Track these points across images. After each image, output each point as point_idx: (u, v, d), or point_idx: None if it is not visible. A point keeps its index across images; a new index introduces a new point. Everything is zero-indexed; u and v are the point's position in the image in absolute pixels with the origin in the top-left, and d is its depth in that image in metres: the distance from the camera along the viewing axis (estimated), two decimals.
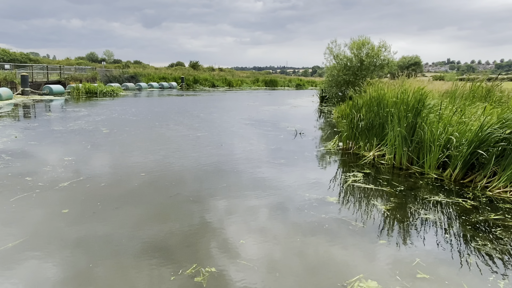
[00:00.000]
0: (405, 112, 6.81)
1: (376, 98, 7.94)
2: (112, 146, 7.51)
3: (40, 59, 58.30)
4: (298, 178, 5.89)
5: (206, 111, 15.75)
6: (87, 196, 4.51)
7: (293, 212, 4.33)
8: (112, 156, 6.72)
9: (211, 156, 7.14)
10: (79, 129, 9.51)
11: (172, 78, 41.31)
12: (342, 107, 15.38)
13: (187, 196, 4.73)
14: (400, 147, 6.82)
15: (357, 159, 7.43)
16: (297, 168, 6.55)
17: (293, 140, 9.41)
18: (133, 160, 6.49)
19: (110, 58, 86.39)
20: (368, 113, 7.97)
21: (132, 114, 13.71)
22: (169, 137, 9.04)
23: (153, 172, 5.75)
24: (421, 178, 6.19)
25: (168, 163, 6.40)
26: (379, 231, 3.93)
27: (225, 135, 9.77)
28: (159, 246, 3.34)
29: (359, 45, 20.54)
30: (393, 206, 4.76)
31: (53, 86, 23.00)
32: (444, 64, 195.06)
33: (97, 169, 5.74)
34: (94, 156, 6.59)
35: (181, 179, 5.50)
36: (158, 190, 4.91)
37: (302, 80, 62.62)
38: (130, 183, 5.11)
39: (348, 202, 4.85)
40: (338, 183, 5.70)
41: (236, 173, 5.97)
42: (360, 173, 6.32)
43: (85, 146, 7.34)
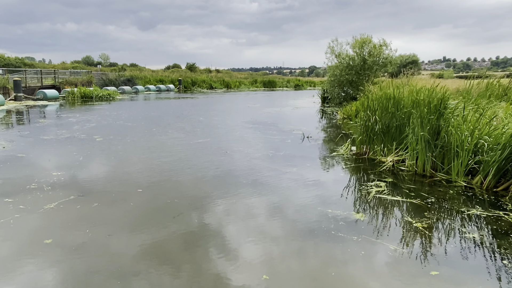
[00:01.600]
0: (428, 114, 6.20)
1: (393, 98, 7.33)
2: (105, 158, 6.84)
3: (35, 64, 57.47)
4: (316, 190, 5.26)
5: (206, 115, 15.12)
6: (76, 220, 3.87)
7: (320, 236, 3.71)
8: (105, 169, 6.07)
9: (215, 166, 6.51)
10: (71, 138, 8.83)
11: (169, 80, 40.65)
12: (347, 108, 14.80)
13: (192, 217, 4.10)
14: (423, 152, 6.21)
15: (375, 166, 6.82)
16: (312, 177, 5.92)
17: (302, 145, 8.80)
18: (129, 173, 5.84)
19: (106, 62, 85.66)
20: (384, 115, 7.36)
21: (129, 119, 13.05)
22: (168, 144, 8.39)
23: (151, 187, 5.11)
24: (449, 187, 5.58)
25: (168, 176, 5.76)
26: (425, 258, 3.31)
27: (228, 141, 9.14)
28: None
29: (360, 44, 19.98)
30: (429, 223, 4.15)
31: (47, 91, 22.32)
32: (440, 62, 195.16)
33: (89, 185, 5.09)
34: (85, 170, 5.94)
35: (184, 195, 4.87)
36: (158, 210, 4.27)
37: (300, 81, 62.06)
38: (126, 202, 4.47)
39: (378, 219, 4.23)
40: (361, 196, 5.08)
41: (245, 187, 5.34)
42: (382, 182, 5.70)
43: (76, 158, 6.68)
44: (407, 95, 7.33)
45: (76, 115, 13.97)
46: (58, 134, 9.27)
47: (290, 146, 8.52)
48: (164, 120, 12.76)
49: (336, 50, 20.55)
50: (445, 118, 6.16)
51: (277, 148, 8.23)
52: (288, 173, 6.11)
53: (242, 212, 4.31)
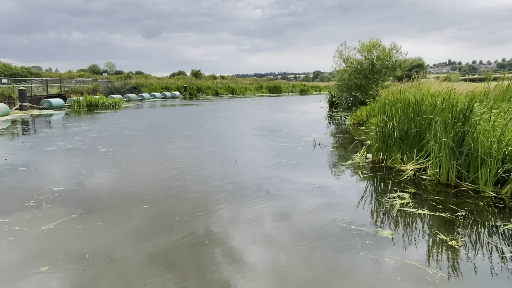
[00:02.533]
0: (453, 119, 5.80)
1: (413, 103, 6.93)
2: (109, 170, 6.50)
3: (42, 73, 57.94)
4: (335, 203, 4.87)
5: (212, 122, 14.81)
6: (77, 243, 3.53)
7: (348, 258, 3.32)
8: (109, 183, 5.72)
9: (225, 177, 6.15)
10: (74, 149, 8.53)
11: (175, 87, 40.55)
12: (357, 113, 14.40)
13: (204, 237, 3.74)
14: (448, 160, 5.80)
15: (394, 175, 6.41)
16: (329, 189, 5.54)
17: (314, 152, 8.42)
18: (134, 187, 5.50)
19: (112, 70, 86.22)
20: (403, 120, 6.96)
21: (134, 128, 12.78)
22: (175, 154, 8.06)
23: (158, 202, 4.76)
24: (478, 198, 5.17)
25: (176, 190, 5.41)
26: (468, 283, 2.91)
27: (237, 149, 8.79)
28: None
29: (369, 47, 19.61)
30: (465, 240, 3.75)
31: (53, 100, 22.21)
32: (446, 65, 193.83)
33: (92, 202, 4.75)
34: (88, 184, 5.60)
35: (193, 211, 4.51)
36: (165, 228, 3.92)
37: (306, 86, 61.74)
38: (131, 220, 4.12)
39: (409, 237, 3.83)
40: (385, 209, 4.68)
41: (259, 201, 4.97)
42: (406, 194, 5.30)
43: (79, 171, 6.35)
44: (428, 99, 6.93)
45: (81, 124, 13.74)
46: (62, 145, 8.97)
47: (302, 154, 8.15)
48: (170, 128, 12.47)
49: (344, 54, 20.22)
50: (472, 124, 5.75)
51: (289, 156, 7.86)
52: (303, 184, 5.73)
53: (261, 232, 3.93)
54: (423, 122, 6.75)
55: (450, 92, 7.43)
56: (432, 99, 6.92)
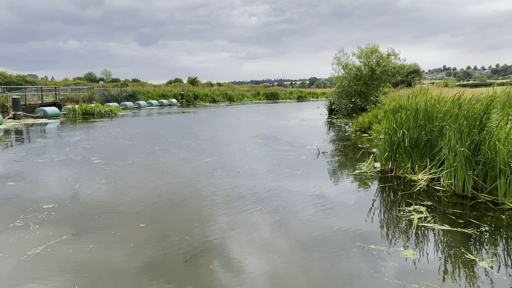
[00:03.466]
0: (469, 127, 5.49)
1: (423, 109, 6.63)
2: (103, 184, 6.09)
3: (37, 81, 57.37)
4: (348, 218, 4.52)
5: (211, 130, 14.46)
6: (66, 271, 3.14)
7: (371, 285, 2.96)
8: (103, 198, 5.32)
9: (228, 190, 5.79)
10: (67, 160, 8.11)
11: (172, 95, 40.24)
12: (359, 120, 14.12)
13: (208, 260, 3.37)
14: (464, 170, 5.47)
15: (405, 185, 6.08)
16: (340, 202, 5.19)
17: (318, 162, 8.08)
18: (130, 203, 5.11)
19: (108, 78, 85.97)
20: (413, 128, 6.65)
21: (130, 137, 12.39)
22: (173, 166, 7.69)
23: (156, 220, 4.39)
24: (498, 210, 4.84)
25: (175, 205, 5.04)
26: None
27: (238, 158, 8.43)
28: None
29: (367, 54, 19.43)
30: (495, 260, 3.40)
31: (48, 109, 21.79)
32: (441, 71, 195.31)
33: (84, 221, 4.36)
34: (81, 201, 5.20)
35: (195, 229, 4.14)
36: (164, 252, 3.54)
37: (303, 92, 61.70)
38: (126, 242, 3.74)
39: (433, 258, 3.47)
40: (402, 225, 4.34)
41: (265, 216, 4.61)
42: (422, 207, 4.96)
43: (71, 186, 5.94)
44: (439, 105, 6.64)
45: (75, 133, 13.34)
46: (54, 157, 8.56)
47: (306, 164, 7.80)
48: (167, 138, 12.10)
49: (343, 60, 20.03)
50: (489, 131, 5.44)
51: (293, 166, 7.52)
52: (311, 197, 5.37)
53: (272, 257, 3.57)
54: (435, 130, 6.45)
55: (459, 98, 7.16)
56: (444, 105, 6.63)
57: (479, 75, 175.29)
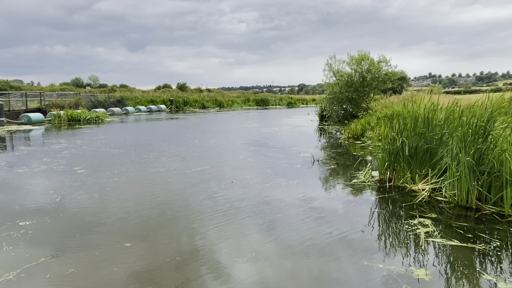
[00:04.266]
0: (473, 135, 5.30)
1: (423, 116, 6.43)
2: (86, 197, 5.60)
3: (23, 86, 56.05)
4: (352, 234, 4.24)
5: (201, 137, 14.10)
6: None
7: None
8: (85, 213, 4.88)
9: (222, 203, 5.46)
10: (49, 170, 7.61)
11: (161, 100, 39.69)
12: (352, 127, 13.96)
13: (202, 283, 3.03)
14: (467, 180, 5.26)
15: (406, 196, 5.85)
16: (341, 215, 4.91)
17: (314, 170, 7.82)
18: (115, 218, 4.71)
19: (95, 83, 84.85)
20: (413, 136, 6.44)
21: (116, 145, 11.94)
22: (162, 176, 7.31)
23: (143, 238, 4.02)
24: (506, 223, 4.63)
25: (164, 221, 4.69)
26: None
27: (231, 167, 8.10)
28: None
29: (358, 60, 19.41)
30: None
31: (32, 115, 21.11)
32: (426, 78, 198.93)
33: (65, 240, 3.96)
34: (62, 216, 4.78)
35: (187, 248, 3.79)
36: (153, 275, 3.18)
37: (293, 98, 61.77)
38: (110, 264, 3.37)
39: (448, 278, 3.21)
40: (410, 241, 4.07)
41: (263, 232, 4.30)
42: (427, 219, 4.71)
43: (51, 199, 5.48)
44: (439, 113, 6.45)
45: (60, 140, 12.81)
46: (35, 166, 8.07)
47: (302, 173, 7.53)
48: (155, 145, 11.68)
49: (334, 67, 19.96)
50: (493, 140, 5.25)
51: (288, 175, 7.23)
52: (310, 210, 5.08)
53: (271, 276, 3.25)
54: (436, 138, 6.25)
55: (457, 104, 7.01)
56: (443, 112, 6.45)
57: (463, 82, 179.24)
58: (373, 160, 8.91)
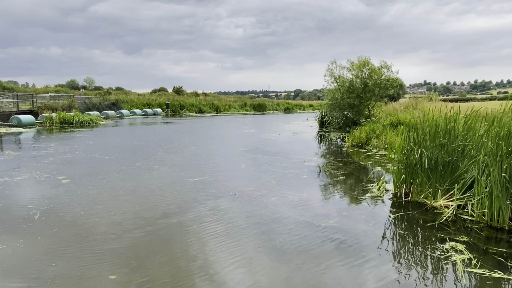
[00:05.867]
0: (507, 147, 4.76)
1: (444, 126, 5.89)
2: (68, 214, 4.89)
3: (17, 88, 55.05)
4: (382, 263, 3.65)
5: (199, 143, 13.48)
6: None
7: None
8: (64, 236, 4.19)
9: (224, 218, 4.86)
10: (30, 180, 6.88)
11: (157, 104, 39.02)
12: (356, 134, 13.42)
13: None
14: (501, 198, 4.71)
15: (427, 213, 5.29)
16: (362, 237, 4.32)
17: (321, 182, 7.27)
18: (98, 241, 4.09)
19: (91, 85, 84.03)
20: (432, 147, 5.90)
21: (108, 150, 11.29)
22: (156, 187, 6.68)
23: (132, 268, 3.41)
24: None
25: (157, 244, 4.07)
26: None
27: (233, 177, 7.50)
28: None
29: (359, 66, 18.95)
30: None
31: (22, 117, 20.36)
32: (421, 86, 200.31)
33: (36, 271, 3.31)
34: (36, 240, 4.11)
35: (184, 281, 3.18)
36: None
37: (290, 104, 61.40)
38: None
39: None
40: (447, 271, 3.49)
41: (275, 257, 3.70)
42: (459, 243, 4.15)
43: (28, 217, 4.74)
44: (465, 123, 5.92)
45: (49, 145, 12.12)
46: (16, 175, 7.33)
47: (309, 184, 6.96)
48: (150, 151, 11.04)
49: (335, 72, 19.49)
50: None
51: (295, 187, 6.65)
52: (326, 230, 4.50)
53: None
54: (459, 149, 5.71)
55: (477, 113, 6.48)
56: (467, 121, 5.92)
57: (458, 90, 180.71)
58: (383, 171, 8.36)
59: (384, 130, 12.50)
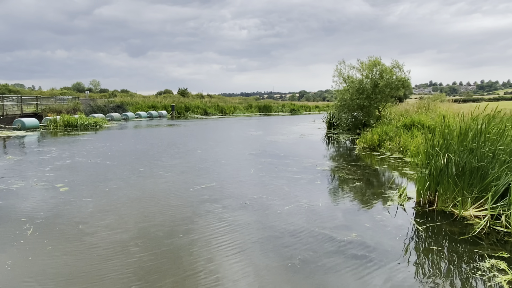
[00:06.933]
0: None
1: (474, 129, 5.43)
2: (63, 232, 4.44)
3: (22, 90, 55.21)
4: (410, 284, 3.21)
5: (205, 146, 13.09)
6: None
7: None
8: (57, 257, 3.84)
9: (236, 231, 4.44)
10: (27, 188, 6.44)
11: (162, 106, 38.77)
12: (368, 137, 12.94)
13: None
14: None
15: (456, 224, 4.84)
16: (390, 253, 3.88)
17: (335, 187, 6.86)
18: (97, 260, 3.70)
19: (96, 88, 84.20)
20: (460, 151, 5.44)
21: (111, 155, 10.93)
22: (160, 196, 6.28)
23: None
24: None
25: (162, 269, 3.67)
26: None
27: (242, 184, 7.08)
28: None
29: (370, 66, 18.46)
30: None
31: (26, 120, 20.14)
32: (427, 86, 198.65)
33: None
34: (28, 261, 3.74)
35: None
36: None
37: (295, 105, 60.92)
38: None
39: None
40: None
41: (297, 279, 3.27)
42: (500, 261, 3.69)
43: (20, 233, 4.30)
44: (493, 125, 5.45)
45: (51, 149, 11.79)
46: (12, 182, 6.91)
47: (324, 191, 6.52)
48: (154, 156, 10.64)
49: (344, 73, 19.02)
50: None
51: (309, 194, 6.22)
52: (349, 245, 4.06)
53: None
54: (490, 154, 5.24)
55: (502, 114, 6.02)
56: (501, 125, 5.45)
57: (464, 90, 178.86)
58: (401, 176, 7.90)
59: (398, 132, 12.02)
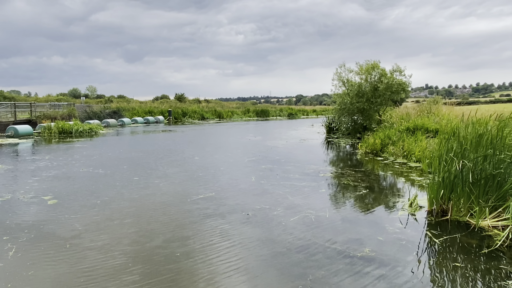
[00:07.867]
0: None
1: (492, 133, 5.12)
2: (49, 246, 4.12)
3: (18, 97, 54.67)
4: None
5: (202, 152, 12.73)
6: None
7: None
8: (43, 278, 3.52)
9: (239, 248, 4.08)
10: (12, 201, 6.01)
11: (159, 111, 38.40)
12: (370, 141, 12.64)
13: None
14: None
15: (473, 236, 4.51)
16: (407, 271, 3.53)
17: (341, 196, 6.52)
18: (87, 284, 3.35)
19: (93, 94, 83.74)
20: (476, 158, 5.12)
21: (104, 163, 10.54)
22: (155, 208, 5.91)
23: None
24: None
25: (158, 282, 3.31)
26: None
27: (243, 193, 6.73)
28: None
29: (368, 70, 18.23)
30: None
31: (19, 127, 19.70)
32: (423, 89, 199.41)
33: None
34: (11, 284, 3.40)
35: None
36: None
37: (293, 109, 60.74)
38: None
39: None
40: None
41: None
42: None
43: (2, 252, 3.93)
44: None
45: (44, 157, 11.39)
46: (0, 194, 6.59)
47: (329, 201, 6.19)
48: (149, 164, 10.25)
49: (343, 76, 18.77)
50: None
51: (315, 203, 5.88)
52: (362, 262, 3.71)
53: None
54: (509, 161, 4.93)
55: None
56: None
57: (460, 93, 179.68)
58: (408, 183, 7.58)
59: (401, 136, 11.72)
